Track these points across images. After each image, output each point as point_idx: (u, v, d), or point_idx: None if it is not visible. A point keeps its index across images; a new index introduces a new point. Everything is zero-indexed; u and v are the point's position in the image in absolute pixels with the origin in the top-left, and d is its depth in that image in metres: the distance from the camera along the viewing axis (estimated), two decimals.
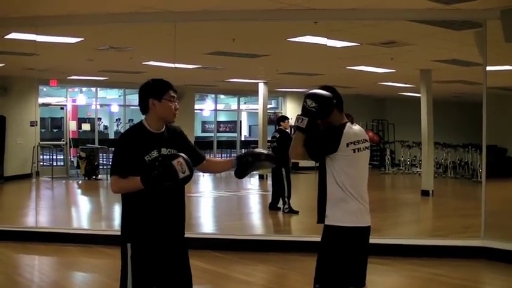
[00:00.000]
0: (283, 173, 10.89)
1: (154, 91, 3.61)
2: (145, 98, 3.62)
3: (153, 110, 3.60)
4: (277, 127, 11.46)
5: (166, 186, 3.43)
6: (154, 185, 3.41)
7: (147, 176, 3.41)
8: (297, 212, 10.72)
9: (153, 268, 3.57)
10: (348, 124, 4.01)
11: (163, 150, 3.57)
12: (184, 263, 3.70)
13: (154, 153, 3.53)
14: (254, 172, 20.25)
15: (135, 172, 3.45)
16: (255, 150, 3.89)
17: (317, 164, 4.14)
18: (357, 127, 4.08)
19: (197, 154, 3.86)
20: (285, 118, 11.26)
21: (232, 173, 3.86)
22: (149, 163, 3.48)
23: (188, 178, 3.44)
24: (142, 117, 3.69)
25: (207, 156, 4.05)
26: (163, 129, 3.66)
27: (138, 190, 3.46)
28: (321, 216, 4.04)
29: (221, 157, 23.08)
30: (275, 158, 3.95)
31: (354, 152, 3.95)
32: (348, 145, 3.92)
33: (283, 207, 10.89)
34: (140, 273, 3.54)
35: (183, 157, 3.43)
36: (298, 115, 3.93)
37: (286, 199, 10.87)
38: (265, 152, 3.92)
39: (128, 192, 3.52)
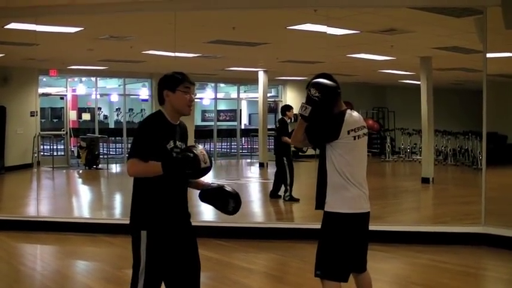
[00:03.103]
0: (285, 161, 10.92)
1: (169, 82, 3.66)
2: (161, 89, 3.67)
3: (168, 101, 3.64)
4: (279, 116, 11.51)
5: (185, 174, 3.48)
6: (175, 171, 3.45)
7: (169, 162, 3.45)
8: (297, 200, 10.74)
9: (167, 256, 3.60)
10: (348, 111, 4.03)
11: (178, 143, 3.64)
12: (195, 250, 3.75)
13: (171, 144, 3.58)
14: (254, 160, 20.30)
15: (155, 158, 3.49)
16: (230, 201, 3.76)
17: (317, 152, 4.16)
18: (356, 114, 4.11)
19: None
20: (289, 107, 11.24)
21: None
22: (169, 151, 3.54)
23: (208, 170, 3.51)
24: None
25: None
26: (177, 122, 3.71)
27: (153, 177, 3.50)
28: (319, 202, 4.07)
29: (221, 145, 23.10)
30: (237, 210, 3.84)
31: (354, 139, 3.97)
32: (348, 132, 3.95)
33: (284, 195, 10.91)
34: (154, 261, 3.56)
35: (205, 149, 3.53)
36: (302, 103, 3.96)
37: (288, 187, 10.90)
38: (233, 205, 3.77)
39: (144, 176, 3.54)
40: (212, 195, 3.81)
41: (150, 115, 3.74)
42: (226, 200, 3.77)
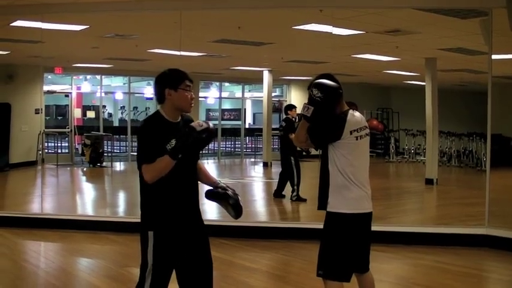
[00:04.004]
0: (292, 161, 10.94)
1: (170, 81, 3.64)
2: (162, 87, 3.64)
3: (169, 100, 3.62)
4: (283, 116, 11.54)
5: (188, 146, 3.45)
6: (178, 149, 3.45)
7: (171, 146, 3.48)
8: (305, 200, 10.71)
9: (174, 255, 3.61)
10: (350, 111, 4.03)
11: None
12: (206, 248, 3.77)
13: (173, 142, 3.53)
14: (258, 159, 20.29)
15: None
16: (230, 210, 3.85)
17: (320, 152, 4.17)
18: (358, 114, 4.11)
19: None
20: (292, 107, 11.28)
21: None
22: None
23: (207, 131, 3.49)
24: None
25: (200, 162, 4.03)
26: (179, 119, 3.69)
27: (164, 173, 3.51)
28: (322, 203, 4.07)
29: (225, 144, 23.13)
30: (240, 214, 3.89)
31: (357, 139, 3.98)
32: (351, 133, 3.95)
33: (292, 195, 10.91)
34: (161, 261, 3.57)
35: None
36: (304, 103, 3.98)
37: (295, 187, 10.89)
38: (233, 213, 3.85)
39: (161, 175, 3.50)
40: (216, 198, 3.86)
41: (148, 118, 3.71)
42: (227, 208, 3.83)
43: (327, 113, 3.95)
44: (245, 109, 24.72)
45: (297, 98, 21.28)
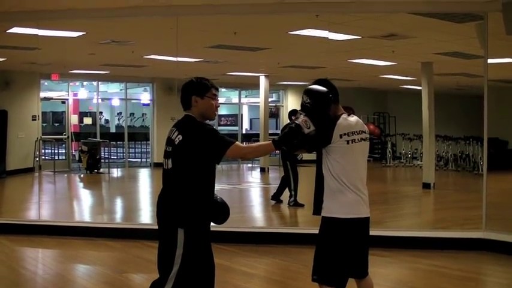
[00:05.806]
0: (288, 166, 10.95)
1: (197, 89, 3.80)
2: (189, 95, 3.80)
3: (196, 107, 3.79)
4: (281, 121, 11.56)
5: (295, 146, 3.77)
6: (283, 143, 3.73)
7: (279, 138, 3.76)
8: (302, 205, 10.70)
9: (202, 254, 3.72)
10: (343, 116, 4.04)
11: None
12: (212, 252, 3.87)
13: None
14: (255, 165, 20.30)
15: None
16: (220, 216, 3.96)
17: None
18: (353, 118, 4.10)
19: None
20: (294, 112, 11.27)
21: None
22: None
23: (313, 137, 3.73)
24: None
25: None
26: None
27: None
28: (317, 208, 4.08)
29: None
30: None
31: (348, 143, 3.96)
32: (341, 136, 3.94)
33: (289, 200, 10.91)
34: (190, 259, 3.63)
35: (307, 116, 3.77)
36: (299, 111, 4.00)
37: (292, 192, 10.89)
38: (222, 217, 3.98)
39: (258, 156, 3.76)
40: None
41: (198, 122, 3.78)
42: (217, 213, 3.91)
43: (318, 118, 3.95)
44: (242, 114, 24.71)
45: (293, 103, 21.27)
